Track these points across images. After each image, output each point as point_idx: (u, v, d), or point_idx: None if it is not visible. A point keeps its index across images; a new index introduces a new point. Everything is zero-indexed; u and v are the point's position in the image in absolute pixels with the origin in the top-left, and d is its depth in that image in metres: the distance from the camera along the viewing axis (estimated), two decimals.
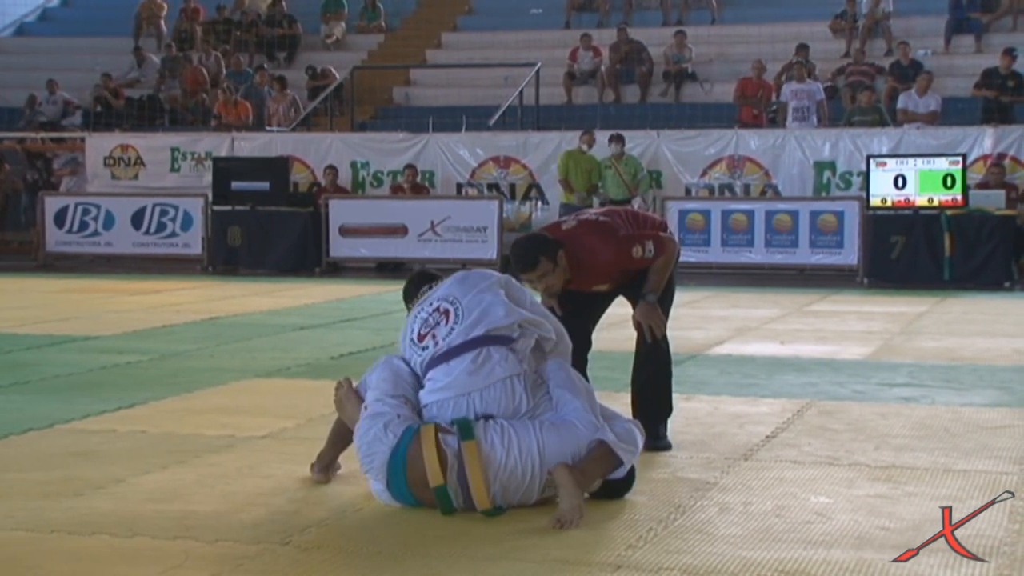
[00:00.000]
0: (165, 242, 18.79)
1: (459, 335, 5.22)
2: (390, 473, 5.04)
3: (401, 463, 5.01)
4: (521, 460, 4.98)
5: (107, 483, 5.57)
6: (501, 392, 5.13)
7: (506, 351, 5.20)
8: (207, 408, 7.45)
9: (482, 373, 5.14)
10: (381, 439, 5.06)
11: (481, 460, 4.94)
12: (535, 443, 5.00)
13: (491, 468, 4.95)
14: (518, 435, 5.01)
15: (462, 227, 17.55)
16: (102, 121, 21.95)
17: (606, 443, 5.05)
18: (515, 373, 5.17)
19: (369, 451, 5.10)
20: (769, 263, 16.79)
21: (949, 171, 15.50)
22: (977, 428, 6.86)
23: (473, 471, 4.93)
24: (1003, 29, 21.87)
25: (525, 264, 5.77)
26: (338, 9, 25.21)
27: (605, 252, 5.96)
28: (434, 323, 5.30)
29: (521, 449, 4.98)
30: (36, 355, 9.61)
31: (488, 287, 5.38)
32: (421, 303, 5.44)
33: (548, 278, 5.77)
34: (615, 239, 5.99)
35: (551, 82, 21.26)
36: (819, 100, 19.03)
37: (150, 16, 25.76)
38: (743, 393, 7.98)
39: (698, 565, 4.45)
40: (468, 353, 5.17)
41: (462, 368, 5.16)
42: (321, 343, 10.35)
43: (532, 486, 5.02)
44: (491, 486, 4.95)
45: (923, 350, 9.97)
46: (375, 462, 5.08)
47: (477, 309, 5.27)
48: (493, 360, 5.16)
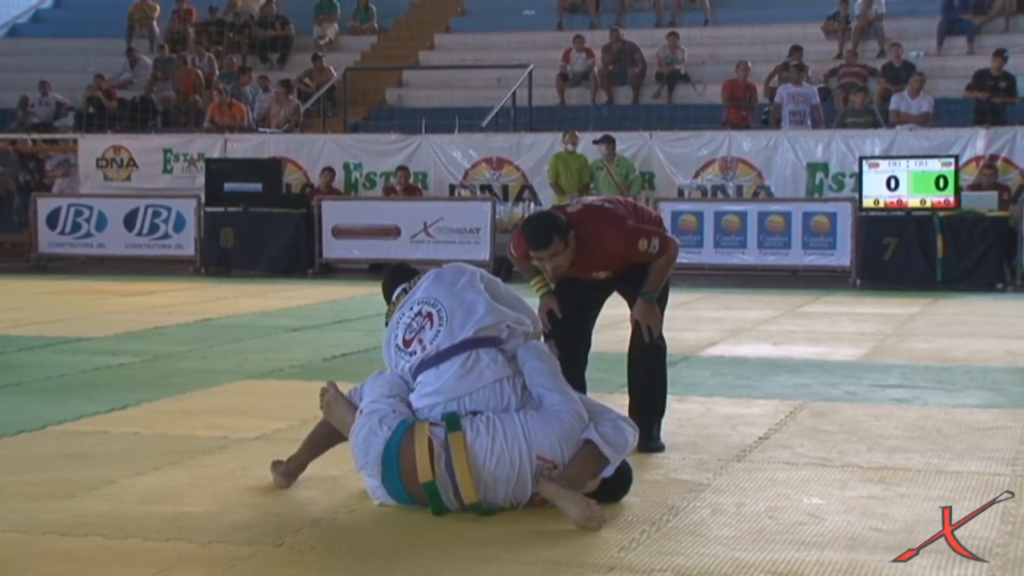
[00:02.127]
0: (158, 243, 18.77)
1: (445, 338, 5.22)
2: (384, 466, 5.05)
3: (395, 456, 5.02)
4: (508, 446, 4.97)
5: (100, 485, 5.56)
6: (490, 394, 5.14)
7: (495, 352, 5.21)
8: (200, 409, 7.44)
9: (471, 377, 5.15)
10: (376, 432, 5.08)
11: (467, 450, 4.95)
12: (519, 428, 5.01)
13: (478, 457, 4.96)
14: (502, 422, 5.03)
15: (455, 228, 17.54)
16: (95, 122, 21.94)
17: (592, 442, 5.05)
18: (504, 376, 5.17)
19: (364, 445, 5.10)
20: (762, 264, 16.80)
21: (942, 172, 15.53)
22: (969, 429, 6.87)
23: (459, 461, 4.94)
24: (995, 31, 21.91)
25: (538, 242, 5.79)
26: (331, 10, 25.21)
27: (613, 239, 5.98)
28: (419, 327, 5.30)
29: (507, 434, 4.99)
30: (28, 356, 9.59)
31: (466, 284, 5.39)
32: (401, 308, 5.45)
33: (558, 258, 5.80)
34: (624, 228, 6.01)
35: (544, 83, 21.28)
36: (814, 104, 19.05)
37: (142, 17, 25.74)
38: (736, 394, 7.98)
39: (691, 567, 4.45)
40: (457, 356, 5.18)
41: (451, 373, 5.16)
42: (314, 344, 10.35)
43: (524, 475, 4.99)
44: (479, 475, 4.95)
45: (916, 351, 9.98)
46: (370, 455, 5.09)
47: (460, 310, 5.28)
48: (482, 363, 5.17)
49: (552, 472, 5.00)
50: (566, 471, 5.00)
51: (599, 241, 5.94)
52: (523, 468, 5.00)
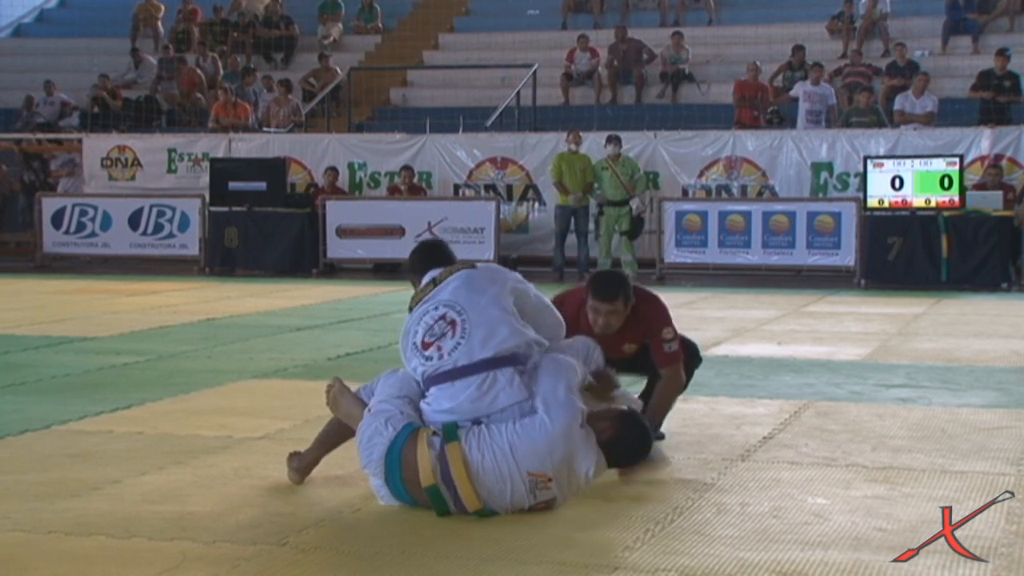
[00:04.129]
0: (162, 243, 18.79)
1: (464, 354, 5.15)
2: (387, 467, 5.05)
3: (397, 458, 5.01)
4: (497, 463, 4.96)
5: (104, 484, 5.56)
6: (500, 417, 5.10)
7: (512, 373, 5.14)
8: (204, 409, 7.44)
9: (486, 400, 5.10)
10: (381, 432, 5.08)
11: (464, 462, 4.95)
12: (508, 446, 4.99)
13: (471, 470, 4.96)
14: (492, 438, 4.99)
15: (459, 228, 17.54)
16: (99, 122, 21.94)
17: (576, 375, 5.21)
18: (519, 399, 5.11)
19: (368, 445, 5.11)
20: (766, 264, 16.79)
21: (946, 172, 15.53)
22: (974, 429, 6.86)
23: (458, 472, 4.94)
24: (1000, 30, 21.88)
25: (605, 294, 5.85)
26: (335, 10, 25.21)
27: (646, 312, 6.07)
28: (440, 333, 5.23)
29: (496, 452, 4.97)
30: (33, 356, 9.60)
31: (494, 298, 5.31)
32: (426, 302, 5.38)
33: (613, 316, 5.85)
34: (662, 310, 6.14)
35: (548, 83, 21.27)
36: (831, 104, 18.95)
37: (147, 17, 25.74)
38: (740, 394, 7.98)
39: (695, 566, 4.45)
40: (474, 377, 5.12)
41: (467, 395, 5.11)
42: (318, 344, 10.35)
43: (518, 490, 4.98)
44: (478, 485, 4.95)
45: (920, 351, 9.97)
46: (373, 455, 5.09)
47: (483, 327, 5.20)
48: (498, 385, 5.11)
49: (548, 484, 4.99)
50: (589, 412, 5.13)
51: (634, 315, 6.00)
52: (516, 484, 4.98)
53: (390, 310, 12.91)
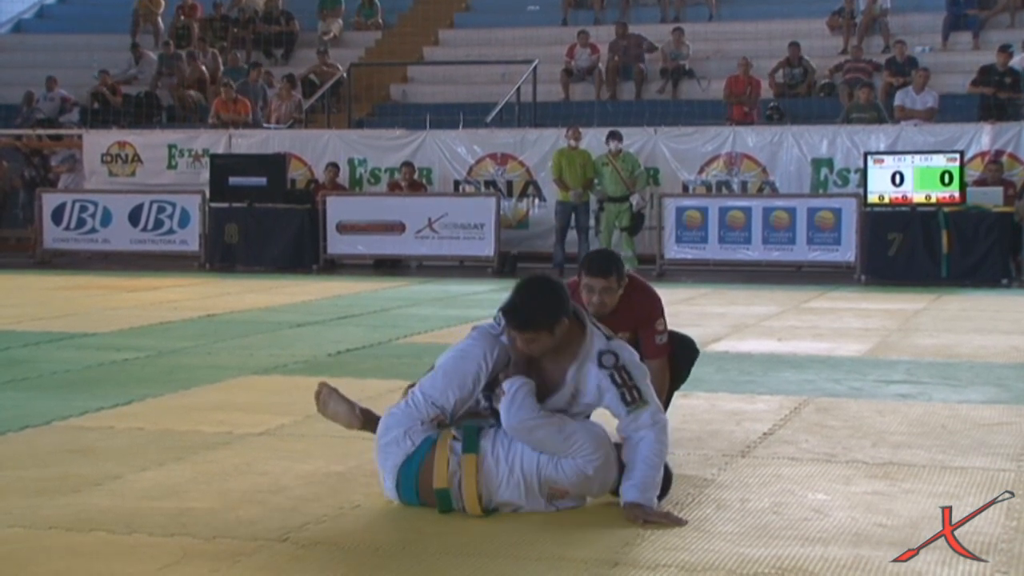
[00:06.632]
0: (162, 239, 18.79)
1: None
2: (400, 477, 5.05)
3: (415, 472, 5.02)
4: (524, 478, 4.98)
5: (104, 480, 5.57)
6: None
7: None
8: (204, 405, 7.45)
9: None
10: (399, 442, 5.06)
11: (478, 474, 4.95)
12: (535, 464, 4.99)
13: (490, 482, 4.97)
14: (522, 455, 4.99)
15: (459, 224, 17.54)
16: (99, 118, 21.94)
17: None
18: None
19: (386, 450, 5.11)
20: (766, 260, 16.78)
21: (947, 168, 15.52)
22: (974, 425, 6.86)
23: (468, 484, 4.95)
24: (1000, 26, 21.88)
25: (599, 270, 5.85)
26: (335, 6, 25.19)
27: (641, 304, 6.06)
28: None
29: (524, 469, 4.97)
30: (33, 352, 9.60)
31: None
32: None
33: (607, 294, 5.85)
34: (656, 302, 6.13)
35: (548, 79, 21.26)
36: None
37: (147, 13, 25.74)
38: (740, 390, 7.98)
39: (695, 562, 4.45)
40: None
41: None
42: (318, 340, 10.35)
43: (535, 503, 5.01)
44: (486, 498, 4.97)
45: (920, 347, 9.98)
46: (388, 462, 5.10)
47: None
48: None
49: (565, 496, 5.01)
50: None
51: (629, 302, 6.00)
52: (532, 494, 5.00)
53: (390, 306, 12.92)
